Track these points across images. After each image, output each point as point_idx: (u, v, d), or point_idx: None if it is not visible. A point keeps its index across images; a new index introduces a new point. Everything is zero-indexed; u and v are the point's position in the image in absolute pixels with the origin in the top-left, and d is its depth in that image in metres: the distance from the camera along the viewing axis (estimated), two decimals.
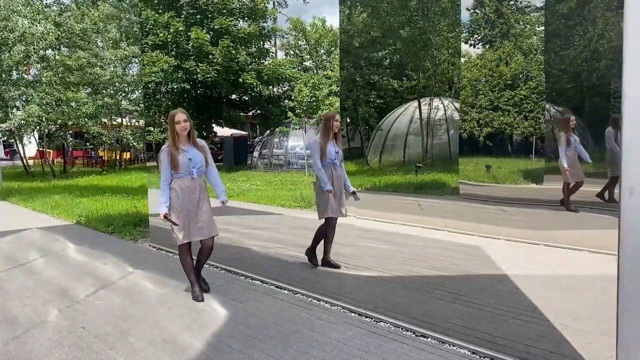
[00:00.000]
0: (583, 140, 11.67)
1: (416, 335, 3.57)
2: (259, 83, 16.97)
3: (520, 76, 13.85)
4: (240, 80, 16.86)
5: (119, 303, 4.35)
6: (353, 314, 4.02)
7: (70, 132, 25.23)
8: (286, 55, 23.46)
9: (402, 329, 3.69)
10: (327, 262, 5.22)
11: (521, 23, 15.84)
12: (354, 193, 5.29)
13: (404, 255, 5.82)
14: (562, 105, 11.48)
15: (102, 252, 6.37)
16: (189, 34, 16.37)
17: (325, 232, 5.21)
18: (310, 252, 5.32)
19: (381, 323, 3.82)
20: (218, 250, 6.23)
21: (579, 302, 4.12)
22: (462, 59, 14.26)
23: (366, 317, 3.94)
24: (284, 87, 19.17)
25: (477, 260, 5.53)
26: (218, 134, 17.80)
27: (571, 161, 7.11)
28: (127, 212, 8.61)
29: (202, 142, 4.36)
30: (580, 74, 10.98)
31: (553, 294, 4.32)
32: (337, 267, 5.16)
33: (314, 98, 19.73)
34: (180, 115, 4.20)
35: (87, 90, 18.67)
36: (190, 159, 4.21)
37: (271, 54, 19.62)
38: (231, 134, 18.58)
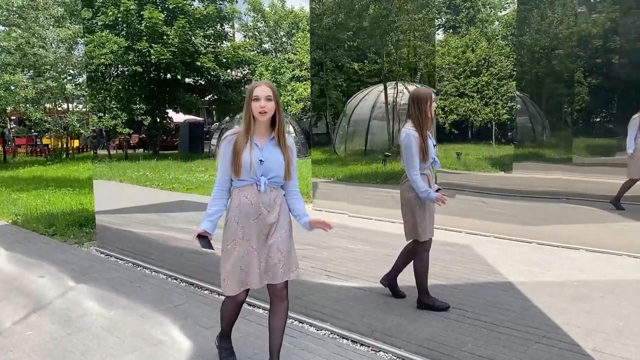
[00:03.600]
0: (542, 127, 11.25)
1: None
2: (216, 66, 16.04)
3: (483, 62, 13.34)
4: (197, 63, 15.88)
5: (54, 333, 3.51)
6: (345, 341, 3.33)
7: (14, 118, 23.58)
8: (245, 37, 22.46)
9: None
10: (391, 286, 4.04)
11: (487, 7, 15.21)
12: (438, 191, 3.75)
13: (390, 259, 5.14)
14: (523, 91, 11.01)
15: (39, 260, 5.45)
16: (142, 13, 15.23)
17: (410, 255, 3.94)
18: (425, 294, 3.84)
19: (381, 353, 3.15)
20: (176, 257, 5.46)
21: (602, 315, 3.56)
22: (429, 45, 13.62)
23: (362, 345, 3.25)
24: (243, 70, 18.26)
25: (472, 263, 4.95)
26: (174, 120, 16.79)
27: (638, 150, 6.53)
28: (72, 210, 7.64)
29: (290, 141, 2.73)
30: (540, 60, 10.51)
31: (569, 306, 3.75)
32: (402, 296, 3.99)
33: (275, 83, 18.88)
34: (263, 88, 2.59)
35: (30, 73, 17.20)
36: (261, 160, 2.60)
37: (229, 36, 18.65)
38: (185, 120, 17.59)
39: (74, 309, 3.96)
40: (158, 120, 16.10)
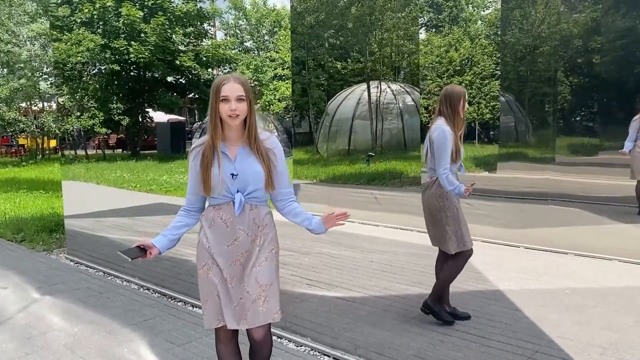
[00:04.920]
0: (525, 127, 11.21)
1: None
2: (197, 65, 15.73)
3: (467, 61, 13.21)
4: (177, 62, 15.55)
5: (11, 353, 3.24)
6: (326, 358, 3.11)
7: None
8: (226, 35, 22.13)
9: None
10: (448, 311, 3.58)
11: (470, 6, 15.05)
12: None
13: (374, 266, 4.97)
14: (506, 91, 10.96)
15: (4, 269, 5.15)
16: (119, 10, 14.86)
17: (455, 268, 3.54)
18: (436, 303, 3.53)
19: None
20: (149, 265, 5.17)
21: (596, 327, 3.39)
22: (411, 45, 13.49)
23: None
24: (224, 69, 17.97)
25: None
26: (154, 120, 16.47)
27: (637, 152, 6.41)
28: (42, 214, 7.31)
29: (272, 141, 2.25)
30: (522, 59, 10.48)
31: (562, 317, 3.58)
32: (467, 317, 3.59)
33: (257, 82, 18.57)
34: (232, 86, 2.13)
35: (4, 72, 16.68)
36: (234, 174, 2.16)
37: (210, 34, 18.32)
38: (168, 120, 17.28)
39: (36, 325, 3.68)
40: (140, 119, 15.75)
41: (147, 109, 16.79)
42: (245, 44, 22.78)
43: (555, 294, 4.07)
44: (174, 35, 16.23)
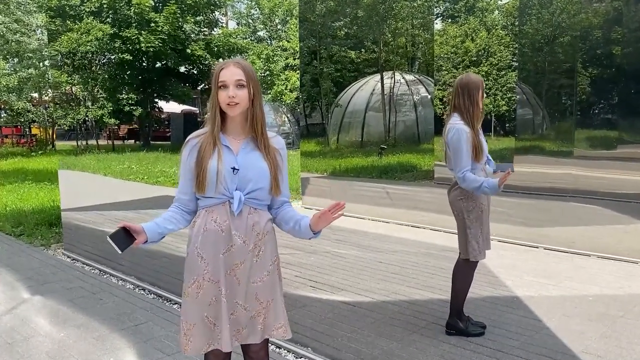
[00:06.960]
0: (542, 119, 10.77)
1: None
2: (207, 55, 15.52)
3: (483, 52, 12.80)
4: (188, 51, 15.35)
5: None
6: None
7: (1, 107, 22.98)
8: (238, 24, 21.84)
9: None
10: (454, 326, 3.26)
11: None
12: (495, 173, 3.19)
13: (383, 267, 4.69)
14: (524, 82, 10.55)
15: None
16: None
17: (467, 277, 3.29)
18: (457, 317, 3.25)
19: None
20: (147, 262, 4.95)
21: (625, 340, 3.09)
22: (426, 35, 13.09)
23: None
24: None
25: (475, 273, 4.45)
26: (164, 110, 16.32)
27: None
28: (44, 207, 7.13)
29: (278, 141, 1.99)
30: (541, 50, 10.06)
31: (586, 329, 3.28)
32: (482, 327, 3.30)
33: (268, 72, 18.25)
34: (232, 70, 1.87)
35: (14, 61, 16.55)
36: (235, 168, 1.88)
37: (221, 23, 18.09)
38: (181, 110, 17.17)
39: (21, 329, 3.46)
40: (155, 110, 15.58)
41: (156, 100, 16.60)
42: (258, 33, 22.42)
43: (578, 301, 3.76)
44: (185, 24, 15.98)
